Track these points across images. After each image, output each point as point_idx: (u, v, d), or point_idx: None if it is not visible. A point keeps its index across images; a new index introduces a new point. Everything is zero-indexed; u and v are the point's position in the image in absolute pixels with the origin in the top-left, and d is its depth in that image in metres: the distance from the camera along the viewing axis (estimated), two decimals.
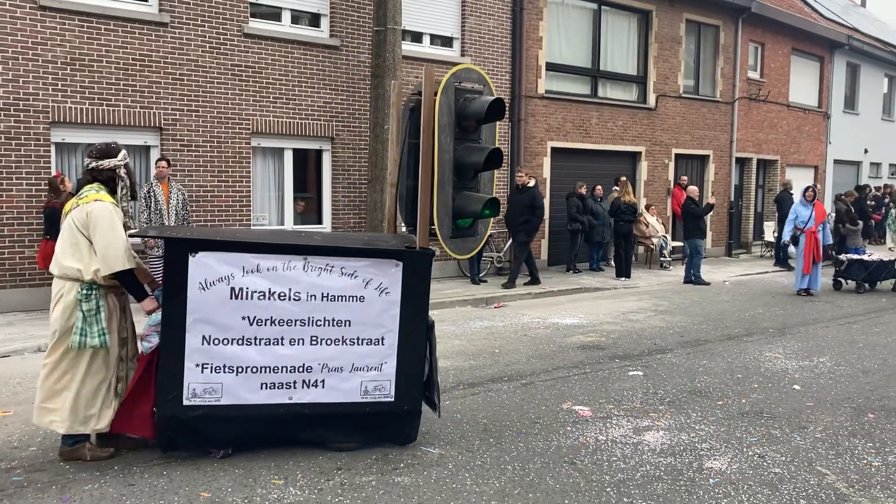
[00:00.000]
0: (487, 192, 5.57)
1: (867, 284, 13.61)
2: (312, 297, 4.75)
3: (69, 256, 4.56)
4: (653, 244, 16.60)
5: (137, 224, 10.09)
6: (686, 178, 17.73)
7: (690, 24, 18.42)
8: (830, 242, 13.63)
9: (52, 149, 9.92)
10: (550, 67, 15.49)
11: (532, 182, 13.13)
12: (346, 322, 4.85)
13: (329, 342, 4.84)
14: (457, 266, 13.72)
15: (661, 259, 16.71)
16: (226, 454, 4.85)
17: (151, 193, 9.72)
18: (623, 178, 15.66)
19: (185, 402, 4.59)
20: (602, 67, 16.63)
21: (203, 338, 4.57)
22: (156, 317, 4.63)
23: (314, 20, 12.28)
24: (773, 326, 10.14)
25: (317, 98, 12.06)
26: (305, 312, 4.76)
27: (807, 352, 8.57)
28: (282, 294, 4.69)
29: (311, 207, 12.51)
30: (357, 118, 12.49)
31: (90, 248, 4.56)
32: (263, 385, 4.72)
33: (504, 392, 6.70)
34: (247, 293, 4.62)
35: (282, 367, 4.74)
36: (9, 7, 9.44)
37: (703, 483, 4.69)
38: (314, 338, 4.81)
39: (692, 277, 14.45)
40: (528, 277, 13.20)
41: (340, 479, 4.63)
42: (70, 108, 9.89)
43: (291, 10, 11.99)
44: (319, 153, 12.41)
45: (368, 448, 5.12)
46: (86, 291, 4.54)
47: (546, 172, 15.46)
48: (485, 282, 13.39)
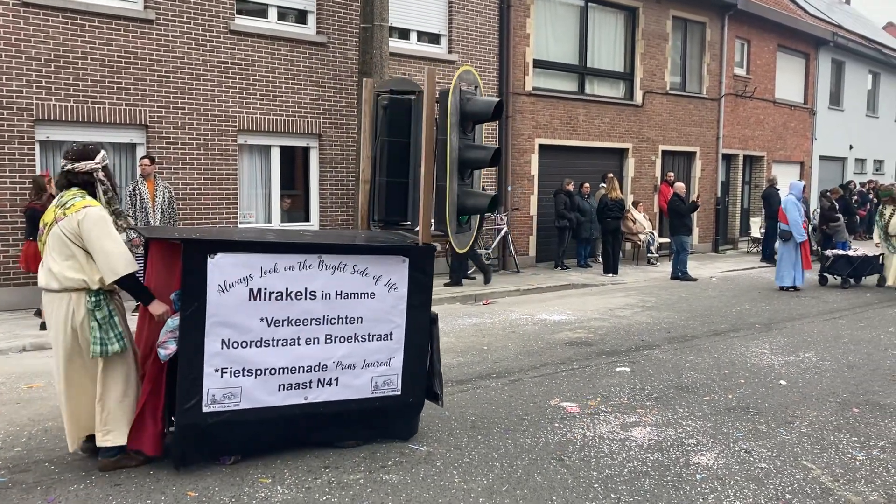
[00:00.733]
0: (477, 189, 5.67)
1: (852, 280, 13.70)
2: (327, 296, 4.77)
3: (69, 269, 4.39)
4: (640, 240, 16.65)
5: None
6: (673, 175, 17.80)
7: (677, 21, 18.48)
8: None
9: (37, 147, 9.84)
10: (538, 64, 15.51)
11: None
12: (359, 319, 4.90)
13: (343, 340, 4.87)
14: (445, 263, 13.70)
15: (649, 255, 16.77)
16: (236, 460, 4.75)
17: (137, 192, 9.66)
18: (610, 175, 15.70)
19: (205, 409, 4.48)
20: (589, 64, 16.65)
21: (223, 341, 4.48)
22: (172, 322, 4.47)
23: (301, 17, 12.24)
24: (760, 322, 10.20)
25: (304, 95, 12.02)
26: (321, 311, 4.77)
27: (793, 347, 8.63)
28: (298, 293, 4.68)
29: (299, 205, 12.47)
30: (344, 115, 12.46)
31: (88, 258, 4.41)
32: (281, 386, 4.69)
33: (492, 389, 6.71)
34: (265, 294, 4.58)
35: (299, 368, 4.73)
36: None
37: (690, 478, 4.71)
38: (329, 336, 4.82)
39: (679, 273, 14.52)
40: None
41: (328, 478, 4.62)
42: (54, 106, 9.82)
43: (278, 7, 11.94)
44: (307, 150, 12.37)
45: (354, 447, 5.11)
46: (94, 300, 4.41)
47: (534, 169, 15.48)
48: (473, 279, 13.40)
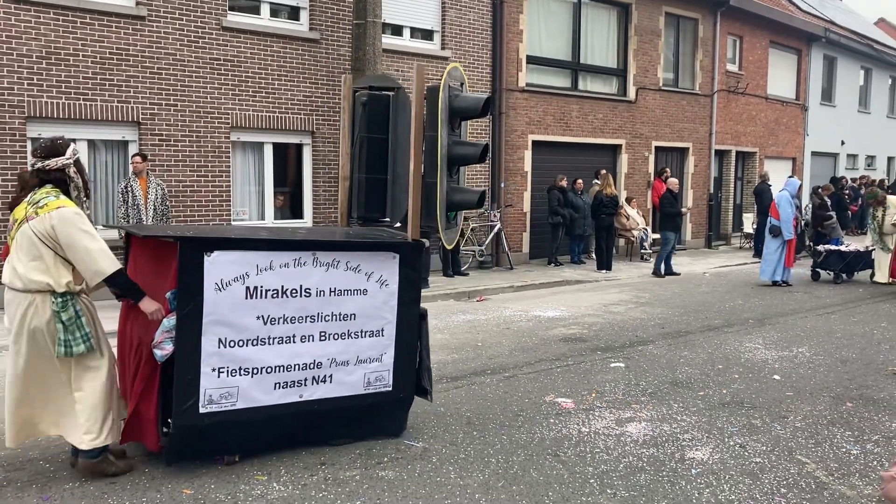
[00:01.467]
0: (462, 185, 5.80)
1: (844, 275, 13.76)
2: (321, 293, 4.77)
3: (34, 271, 4.20)
4: (633, 236, 16.68)
5: (115, 219, 10.00)
6: (668, 171, 17.83)
7: (670, 17, 18.50)
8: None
9: (28, 144, 9.78)
10: (531, 60, 15.50)
11: None
12: (352, 316, 4.91)
13: (337, 337, 4.87)
14: (439, 260, 13.70)
15: (642, 251, 16.80)
16: (230, 461, 4.70)
17: (129, 189, 9.63)
18: (603, 171, 15.73)
19: (202, 410, 4.42)
20: (582, 60, 16.66)
21: (219, 340, 4.44)
22: (168, 322, 4.38)
23: (293, 13, 12.20)
24: (753, 317, 10.23)
25: (297, 92, 11.99)
26: (315, 308, 4.76)
27: (786, 342, 8.66)
28: (294, 291, 4.67)
29: (292, 202, 12.44)
30: (337, 112, 12.43)
31: (56, 260, 4.22)
32: (277, 385, 4.66)
33: (487, 385, 6.71)
34: (261, 292, 4.55)
35: (294, 366, 4.71)
36: None
37: (686, 473, 4.73)
38: (323, 333, 4.81)
39: (658, 269, 14.47)
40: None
41: (324, 474, 4.62)
42: (46, 103, 9.76)
43: (270, 4, 11.91)
44: (300, 147, 12.35)
45: (350, 443, 5.11)
46: (60, 301, 4.23)
47: (527, 166, 15.49)
48: (466, 275, 13.40)
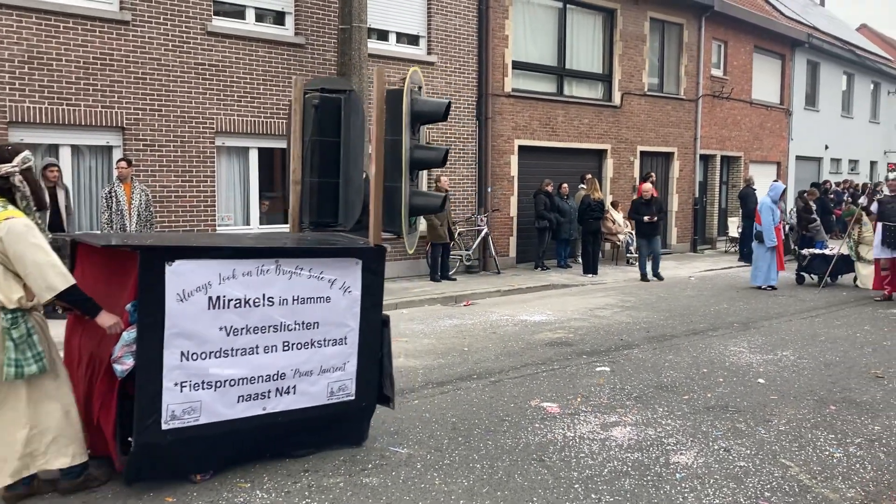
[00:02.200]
0: (422, 189, 5.71)
1: (829, 279, 13.84)
2: (285, 302, 4.65)
3: None
4: (619, 241, 16.73)
5: (98, 225, 9.93)
6: (654, 176, 17.94)
7: (655, 23, 18.60)
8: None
9: None
10: (517, 66, 15.54)
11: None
12: (316, 324, 4.80)
13: (300, 346, 4.75)
14: (426, 264, 13.70)
15: (628, 255, 16.85)
16: (203, 479, 4.54)
17: (113, 194, 9.56)
18: (589, 176, 15.77)
19: (164, 426, 4.26)
20: (568, 66, 16.72)
21: (181, 354, 4.28)
22: (128, 335, 4.20)
23: (279, 18, 12.18)
24: (738, 321, 10.28)
25: (282, 97, 11.96)
26: (278, 318, 4.63)
27: (770, 346, 8.70)
28: (256, 300, 4.53)
29: (278, 207, 12.39)
30: None
31: (6, 274, 4.01)
32: (240, 398, 4.52)
33: (473, 390, 6.70)
34: (224, 302, 4.41)
35: (257, 378, 4.58)
36: None
37: (670, 478, 4.73)
38: (286, 343, 4.69)
39: (643, 273, 14.53)
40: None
41: (307, 482, 4.59)
42: (28, 108, 9.69)
43: (255, 8, 11.88)
44: (285, 152, 12.28)
45: (335, 449, 5.09)
46: (10, 318, 4.02)
47: (513, 170, 15.51)
48: (453, 279, 13.40)
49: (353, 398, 5.02)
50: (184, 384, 4.31)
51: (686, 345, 8.69)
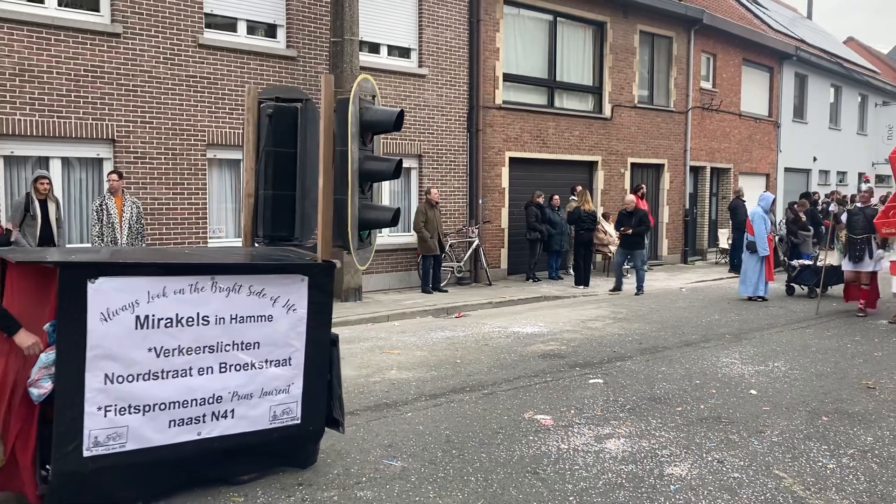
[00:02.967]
0: (378, 202, 5.48)
1: (818, 289, 13.88)
2: (221, 321, 4.39)
3: None
4: (610, 252, 16.76)
5: (89, 238, 9.89)
6: (644, 188, 18.03)
7: (644, 36, 18.72)
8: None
9: (1, 162, 9.67)
10: (508, 78, 15.60)
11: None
12: (255, 344, 4.54)
13: (239, 368, 4.49)
14: (417, 276, 13.69)
15: None
16: None
17: (104, 207, 9.53)
18: (580, 188, 15.82)
19: (87, 454, 3.99)
20: (558, 78, 16.80)
21: (105, 376, 4.03)
22: (46, 357, 3.96)
23: (270, 31, 12.20)
24: (730, 332, 10.31)
25: None
26: (214, 338, 4.38)
27: (762, 357, 8.73)
28: (189, 319, 4.29)
29: None
30: None
31: None
32: (172, 423, 4.26)
33: (466, 402, 6.69)
34: (153, 321, 4.16)
35: (191, 401, 4.32)
36: None
37: (664, 489, 4.73)
38: (223, 364, 4.43)
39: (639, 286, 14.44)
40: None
41: (301, 495, 4.57)
42: (19, 121, 9.65)
43: (247, 21, 11.89)
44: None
45: (329, 463, 5.06)
46: None
47: (504, 182, 15.55)
48: (445, 291, 13.39)
49: (299, 422, 4.76)
50: (108, 408, 4.07)
51: (678, 356, 8.71)
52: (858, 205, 12.14)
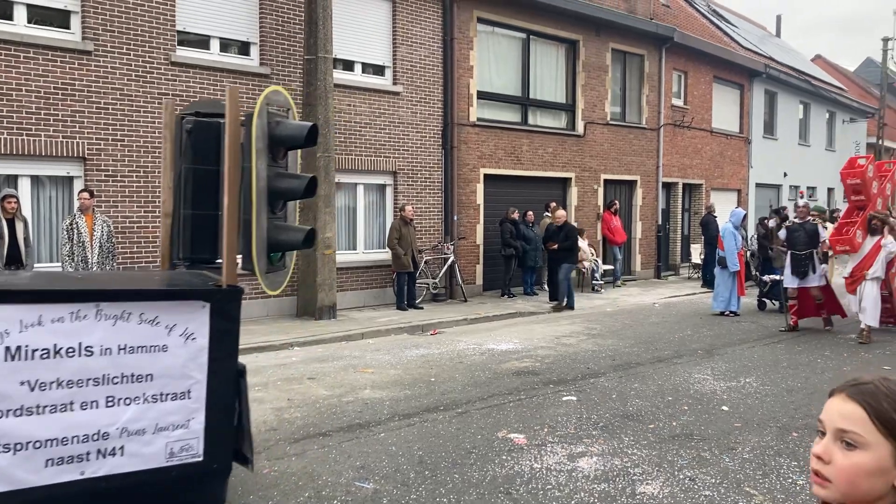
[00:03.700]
0: (292, 222, 5.14)
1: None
2: (107, 351, 4.05)
3: None
4: (584, 268, 16.87)
5: (59, 257, 9.76)
6: (617, 203, 18.19)
7: (616, 54, 18.94)
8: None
9: None
10: (482, 96, 15.70)
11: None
12: (148, 377, 4.18)
13: (128, 401, 4.12)
14: (393, 293, 13.67)
15: (593, 282, 16.99)
16: None
17: (74, 225, 9.42)
18: (553, 204, 15.91)
19: None
20: (532, 95, 16.93)
21: None
22: None
23: (244, 48, 12.18)
24: (702, 348, 10.39)
25: None
26: (99, 369, 4.03)
27: (734, 372, 8.80)
28: (70, 350, 3.94)
29: None
30: None
31: None
32: (49, 462, 3.91)
33: (440, 422, 6.67)
34: (27, 352, 3.83)
35: (72, 438, 3.97)
36: None
37: None
38: (110, 398, 4.07)
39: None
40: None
41: None
42: None
43: (220, 39, 11.87)
44: None
45: (300, 486, 5.02)
46: None
47: (479, 199, 15.61)
48: (420, 308, 13.38)
49: (202, 459, 4.36)
50: None
51: (651, 372, 8.76)
52: (797, 220, 12.00)
